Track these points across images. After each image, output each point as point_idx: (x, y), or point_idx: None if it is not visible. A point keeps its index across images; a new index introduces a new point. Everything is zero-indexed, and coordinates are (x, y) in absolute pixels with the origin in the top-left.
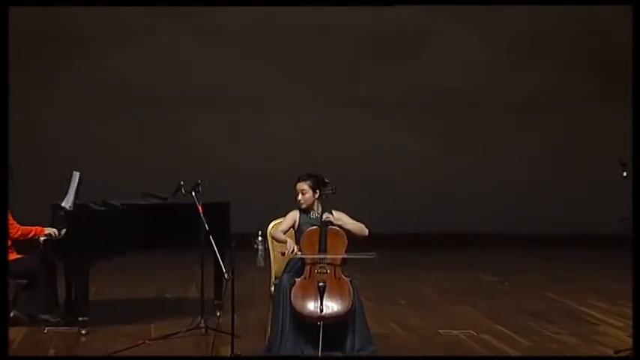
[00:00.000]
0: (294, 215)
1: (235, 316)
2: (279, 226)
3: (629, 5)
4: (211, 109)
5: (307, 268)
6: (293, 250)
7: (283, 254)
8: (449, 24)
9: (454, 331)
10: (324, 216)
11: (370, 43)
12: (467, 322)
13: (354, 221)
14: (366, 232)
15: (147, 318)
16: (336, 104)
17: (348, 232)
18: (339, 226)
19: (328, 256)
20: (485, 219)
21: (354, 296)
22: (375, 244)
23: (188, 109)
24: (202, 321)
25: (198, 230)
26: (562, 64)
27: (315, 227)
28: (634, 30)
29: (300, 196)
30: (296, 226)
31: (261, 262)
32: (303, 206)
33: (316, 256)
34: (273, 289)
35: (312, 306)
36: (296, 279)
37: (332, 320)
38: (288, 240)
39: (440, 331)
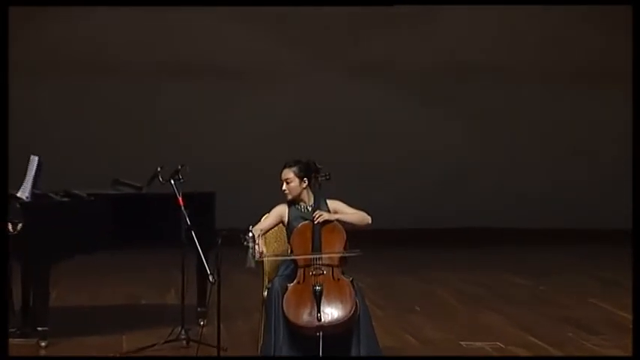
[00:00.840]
0: (281, 210)
1: (222, 326)
2: (261, 224)
3: (629, 5)
4: (194, 80)
5: (300, 271)
6: (262, 253)
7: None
8: None
9: (478, 344)
10: (317, 216)
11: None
12: (493, 332)
13: (353, 210)
14: (369, 219)
15: (118, 328)
16: (341, 74)
17: (347, 224)
18: (337, 220)
19: (323, 255)
20: (513, 210)
21: (356, 299)
22: (384, 240)
23: (166, 80)
24: (183, 332)
25: (178, 225)
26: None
27: (306, 223)
28: (634, 30)
29: (284, 186)
30: (285, 221)
31: (251, 262)
32: (289, 197)
33: (307, 256)
34: (265, 293)
35: (308, 314)
36: (288, 284)
37: (332, 329)
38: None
39: (462, 343)
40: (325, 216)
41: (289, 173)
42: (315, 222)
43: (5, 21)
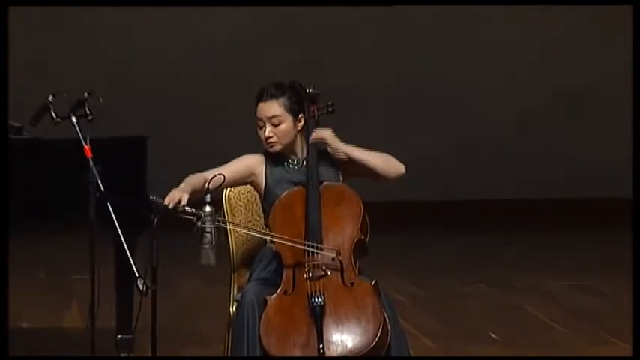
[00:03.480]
0: (252, 163)
1: None
2: (220, 169)
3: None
4: None
5: (288, 271)
6: (180, 202)
7: (177, 208)
8: None
9: None
10: (313, 137)
11: None
12: None
13: (370, 151)
14: (400, 167)
15: None
16: None
17: (363, 173)
18: (350, 166)
19: (325, 248)
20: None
21: (384, 312)
22: (419, 217)
23: None
24: None
25: (84, 193)
26: None
27: (296, 190)
28: (634, 30)
29: (267, 130)
30: (261, 185)
31: (209, 256)
32: (277, 148)
33: (302, 246)
34: (233, 309)
35: (301, 345)
36: (267, 297)
37: None
38: (180, 187)
39: None
40: (326, 136)
41: (275, 107)
42: (310, 172)
43: (5, 21)
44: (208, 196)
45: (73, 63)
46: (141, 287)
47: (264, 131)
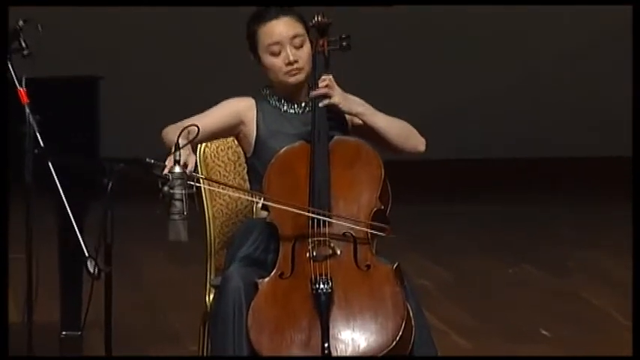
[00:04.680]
0: (241, 107)
1: None
2: (198, 119)
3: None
4: None
5: (286, 248)
6: (186, 166)
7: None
8: None
9: None
10: (320, 85)
11: None
12: None
13: (391, 118)
14: (420, 141)
15: None
16: None
17: (374, 138)
18: (359, 129)
19: (334, 217)
20: None
21: (407, 303)
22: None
23: None
24: None
25: (18, 148)
26: None
27: (299, 144)
28: (634, 30)
29: (292, 53)
30: (250, 137)
31: (180, 231)
32: (301, 77)
33: (305, 213)
34: (210, 299)
35: (301, 344)
36: (258, 280)
37: None
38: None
39: None
40: (336, 101)
41: (296, 24)
42: (314, 95)
43: (5, 21)
44: (178, 154)
45: None
46: (92, 270)
47: (287, 55)
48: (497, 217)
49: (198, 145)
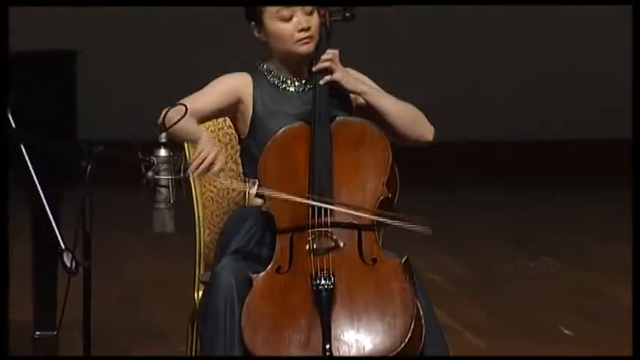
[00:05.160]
0: (237, 85)
1: None
2: (193, 100)
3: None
4: None
5: (283, 240)
6: (212, 165)
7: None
8: None
9: None
10: (324, 60)
11: None
12: None
13: (399, 101)
14: (427, 130)
15: None
16: None
17: (378, 121)
18: (362, 110)
19: (335, 205)
20: None
21: (417, 301)
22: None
23: None
24: None
25: None
26: None
27: (298, 125)
28: (634, 30)
29: (304, 20)
30: (246, 115)
31: (165, 221)
32: (312, 46)
33: (306, 201)
34: (199, 295)
35: (300, 347)
36: (252, 275)
37: None
38: (203, 137)
39: None
40: (338, 77)
41: None
42: (316, 69)
43: (5, 21)
44: (164, 135)
45: None
46: (68, 264)
47: (299, 21)
48: (516, 205)
49: None
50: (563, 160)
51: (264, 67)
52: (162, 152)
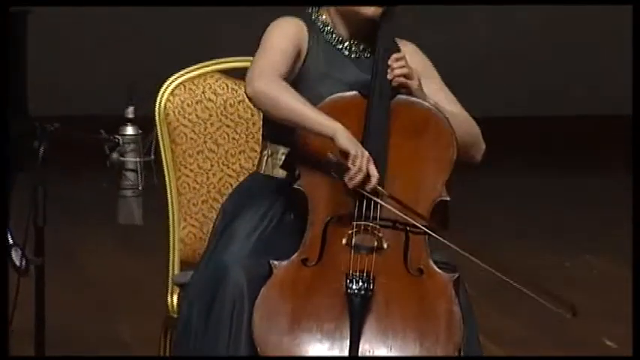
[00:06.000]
0: (297, 31)
1: None
2: (273, 67)
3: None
4: None
5: (316, 228)
6: (359, 170)
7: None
8: None
9: None
10: (393, 65)
11: None
12: None
13: (456, 110)
14: (480, 151)
15: None
16: None
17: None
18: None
19: (383, 202)
20: None
21: (463, 328)
22: None
23: None
24: None
25: None
26: None
27: (351, 94)
28: (634, 30)
29: None
30: (295, 68)
31: (133, 211)
32: (379, 12)
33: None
34: (172, 300)
35: (318, 340)
36: (274, 262)
37: None
38: (341, 131)
39: None
40: (412, 85)
41: None
42: (390, 77)
43: (5, 21)
44: (131, 109)
45: None
46: (17, 262)
47: None
48: (549, 191)
49: (158, 100)
50: (601, 134)
51: (321, 16)
52: (130, 130)
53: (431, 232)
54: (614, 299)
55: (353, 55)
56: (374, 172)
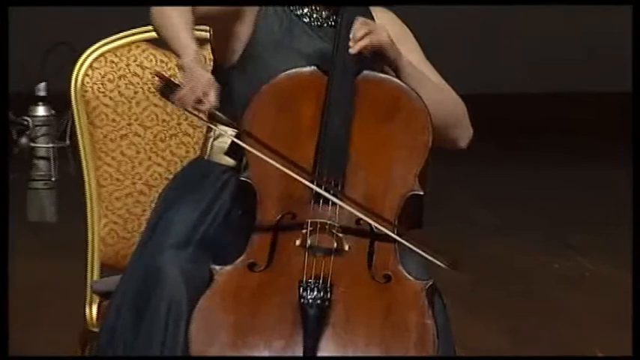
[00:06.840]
0: None
1: None
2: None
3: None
4: None
5: (264, 223)
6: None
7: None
8: None
9: None
10: (357, 31)
11: None
12: None
13: (439, 85)
14: (466, 133)
15: None
16: None
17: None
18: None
19: (345, 201)
20: None
21: (437, 342)
22: None
23: None
24: None
25: None
26: None
27: (309, 70)
28: (634, 30)
29: None
30: (242, 38)
31: (45, 206)
32: None
33: (306, 182)
34: (91, 309)
35: (264, 345)
36: (215, 267)
37: None
38: (190, 55)
39: None
40: (382, 41)
41: None
42: (353, 51)
43: (5, 21)
44: (43, 85)
45: None
46: None
47: None
48: (535, 179)
49: (76, 72)
50: (597, 116)
51: None
52: (41, 111)
53: (395, 236)
54: (603, 305)
55: (314, 23)
56: (211, 98)
